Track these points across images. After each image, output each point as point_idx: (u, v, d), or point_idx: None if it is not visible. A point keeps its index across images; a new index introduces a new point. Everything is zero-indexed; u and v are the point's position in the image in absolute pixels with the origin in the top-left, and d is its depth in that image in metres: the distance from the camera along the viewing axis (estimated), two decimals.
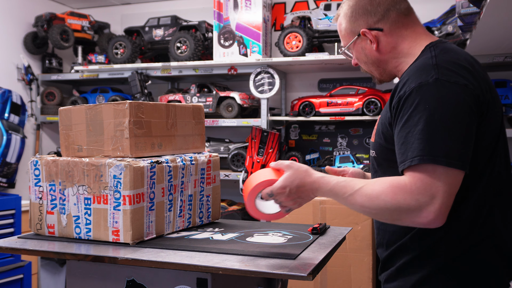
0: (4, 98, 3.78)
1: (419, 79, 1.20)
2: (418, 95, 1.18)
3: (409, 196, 1.14)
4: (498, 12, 2.12)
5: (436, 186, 1.13)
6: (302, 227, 1.89)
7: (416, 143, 1.16)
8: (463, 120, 1.16)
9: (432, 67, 1.21)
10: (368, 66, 1.47)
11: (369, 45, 1.41)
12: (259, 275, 1.33)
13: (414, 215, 1.14)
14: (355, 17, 1.41)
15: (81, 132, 1.76)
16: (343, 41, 1.49)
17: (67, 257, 1.59)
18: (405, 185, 1.15)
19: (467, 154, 1.16)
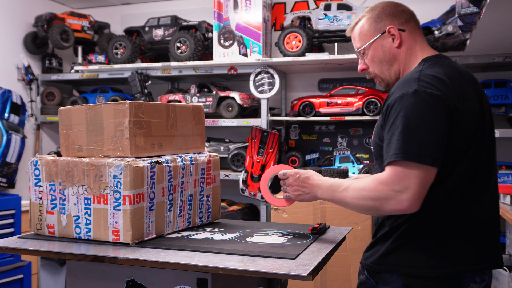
0: (4, 98, 3.78)
1: (402, 90, 1.44)
2: (400, 104, 1.42)
3: (387, 187, 1.38)
4: (498, 12, 2.12)
5: (408, 178, 1.36)
6: (302, 227, 1.89)
7: (395, 144, 1.40)
8: (434, 125, 1.39)
9: (414, 80, 1.45)
10: (381, 65, 1.65)
11: (390, 43, 1.62)
12: (259, 275, 1.33)
13: (392, 203, 1.38)
14: (381, 18, 1.63)
15: (81, 132, 1.76)
16: (360, 42, 1.66)
17: (67, 257, 1.59)
18: (384, 178, 1.40)
19: (437, 153, 1.38)
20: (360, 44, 1.66)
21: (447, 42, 3.24)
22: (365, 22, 1.66)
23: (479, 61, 3.32)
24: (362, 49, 1.66)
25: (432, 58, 1.57)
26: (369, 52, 1.65)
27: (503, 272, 2.49)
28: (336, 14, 3.68)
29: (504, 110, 3.45)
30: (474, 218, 1.48)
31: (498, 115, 3.55)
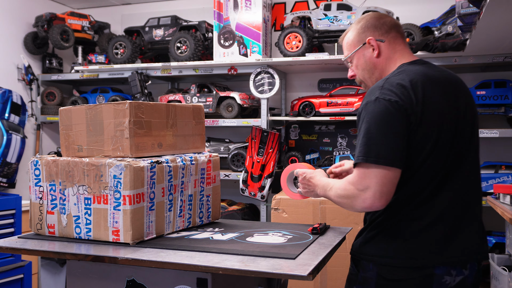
0: (4, 98, 3.78)
1: (367, 98, 1.59)
2: (365, 111, 1.57)
3: (352, 186, 1.54)
4: (498, 12, 2.12)
5: (369, 178, 1.50)
6: (302, 227, 1.89)
7: (358, 148, 1.55)
8: (391, 129, 1.52)
9: (379, 88, 1.58)
10: (363, 73, 1.79)
11: (371, 53, 1.75)
12: (259, 275, 1.33)
13: (358, 201, 1.52)
14: (364, 30, 1.77)
15: (81, 132, 1.77)
16: (347, 51, 1.82)
17: (67, 257, 1.59)
18: (351, 178, 1.56)
19: (394, 154, 1.50)
20: (346, 53, 1.83)
21: (447, 42, 3.24)
22: (350, 33, 1.81)
23: (479, 61, 3.32)
24: (347, 57, 1.82)
25: (405, 65, 1.70)
26: (353, 60, 1.81)
27: (503, 272, 2.49)
28: (336, 14, 3.68)
29: (504, 110, 3.45)
30: (443, 213, 1.57)
31: (498, 115, 3.55)
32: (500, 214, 2.52)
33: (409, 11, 3.89)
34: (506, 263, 2.63)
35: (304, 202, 3.12)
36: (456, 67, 3.58)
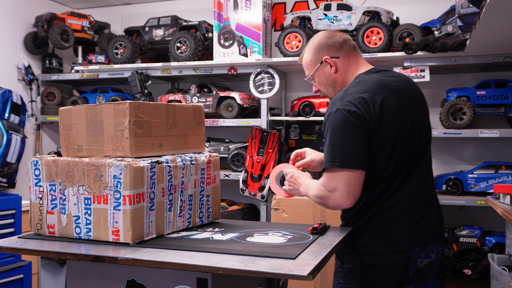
0: (4, 98, 3.78)
1: (329, 109, 1.77)
2: (328, 121, 1.75)
3: (322, 188, 1.74)
4: (498, 12, 2.12)
5: (336, 180, 1.70)
6: (302, 227, 1.89)
7: (325, 154, 1.73)
8: (352, 136, 1.70)
9: (339, 100, 1.76)
10: (326, 88, 1.99)
11: (329, 69, 1.94)
12: (259, 275, 1.33)
13: (330, 201, 1.72)
14: (318, 50, 1.96)
15: (81, 132, 1.77)
16: (307, 71, 2.01)
17: (67, 257, 1.59)
18: (321, 181, 1.75)
19: (357, 157, 1.69)
20: (307, 73, 2.01)
21: (447, 42, 3.24)
22: (307, 55, 2.00)
23: (479, 61, 3.32)
24: (310, 76, 2.00)
25: (361, 75, 1.89)
26: (315, 78, 2.00)
27: (503, 272, 2.49)
28: (336, 14, 3.68)
29: (504, 110, 3.45)
30: (410, 203, 1.79)
31: (498, 115, 3.56)
32: (500, 214, 2.52)
33: (409, 11, 3.89)
34: (506, 263, 2.63)
35: (304, 202, 3.12)
36: (456, 67, 3.58)
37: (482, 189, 3.36)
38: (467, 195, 3.40)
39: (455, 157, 3.84)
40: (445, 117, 3.42)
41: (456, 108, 3.41)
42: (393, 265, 1.76)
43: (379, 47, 3.51)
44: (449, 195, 3.43)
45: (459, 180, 3.43)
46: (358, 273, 1.79)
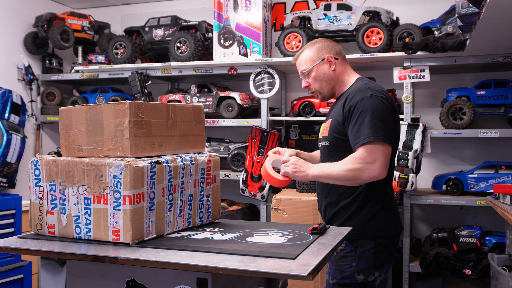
0: (4, 98, 3.78)
1: (360, 95, 2.03)
2: (362, 104, 2.00)
3: (362, 160, 1.93)
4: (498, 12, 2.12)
5: (376, 153, 1.93)
6: (302, 227, 1.89)
7: (365, 130, 1.95)
8: (388, 117, 2.00)
9: (367, 89, 2.05)
10: (321, 83, 2.20)
11: (328, 67, 2.19)
12: (259, 275, 1.33)
13: (366, 172, 1.92)
14: (321, 49, 2.20)
15: (81, 132, 1.77)
16: (306, 65, 2.20)
17: (67, 257, 1.59)
18: (359, 155, 1.94)
19: (392, 136, 2.01)
20: (305, 67, 2.20)
21: (447, 42, 3.24)
22: (308, 51, 2.21)
23: (479, 61, 3.32)
24: (307, 70, 2.19)
25: (365, 78, 2.18)
26: (312, 73, 2.19)
27: (503, 272, 2.49)
28: (336, 14, 3.68)
29: (504, 110, 3.45)
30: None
31: (498, 115, 3.56)
32: (500, 214, 2.52)
33: (409, 11, 3.89)
34: (506, 263, 2.63)
35: (304, 202, 3.12)
36: (456, 67, 3.58)
37: (482, 189, 3.36)
38: (467, 195, 3.40)
39: (455, 157, 3.84)
40: (445, 117, 3.42)
41: (456, 108, 3.41)
42: (396, 242, 2.14)
43: (379, 47, 3.51)
44: (449, 195, 3.43)
45: (459, 180, 3.43)
46: (371, 254, 2.05)
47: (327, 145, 2.16)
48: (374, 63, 3.70)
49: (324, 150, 2.20)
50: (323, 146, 2.21)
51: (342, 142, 2.09)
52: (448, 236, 3.37)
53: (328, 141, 2.15)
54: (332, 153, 2.14)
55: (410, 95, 3.46)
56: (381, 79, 3.99)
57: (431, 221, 3.89)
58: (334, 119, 2.13)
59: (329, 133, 2.14)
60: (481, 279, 3.23)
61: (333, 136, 2.12)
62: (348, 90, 2.16)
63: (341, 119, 2.08)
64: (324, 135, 2.19)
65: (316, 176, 2.03)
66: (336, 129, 2.10)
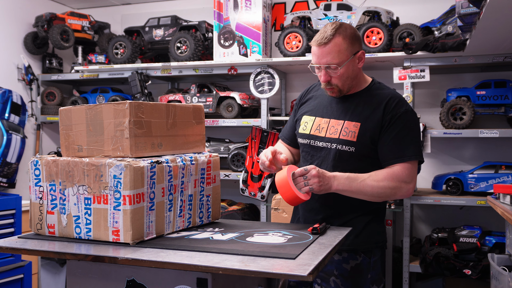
0: (4, 98, 3.78)
1: (404, 107, 1.93)
2: (406, 117, 1.91)
3: (402, 178, 1.88)
4: (498, 12, 2.12)
5: (414, 172, 1.91)
6: (302, 227, 1.89)
7: (410, 148, 1.89)
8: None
9: (403, 100, 1.97)
10: (347, 80, 1.96)
11: (356, 63, 1.96)
12: (259, 275, 1.33)
13: (401, 190, 1.88)
14: (354, 40, 1.93)
15: (81, 132, 1.77)
16: (338, 58, 1.89)
17: (67, 257, 1.59)
18: (400, 173, 1.88)
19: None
20: (337, 61, 1.90)
21: (447, 42, 3.24)
22: (342, 41, 1.90)
23: (479, 61, 3.32)
24: (336, 65, 1.90)
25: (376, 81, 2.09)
26: (341, 69, 1.91)
27: (503, 272, 2.49)
28: (336, 14, 3.68)
29: (504, 110, 3.45)
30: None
31: (498, 115, 3.56)
32: (500, 214, 2.52)
33: (409, 11, 3.89)
34: (506, 263, 2.63)
35: None
36: (456, 67, 3.58)
37: (482, 189, 3.36)
38: (467, 195, 3.39)
39: (455, 157, 3.84)
40: (445, 117, 3.42)
41: (456, 108, 3.41)
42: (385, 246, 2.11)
43: (379, 47, 3.51)
44: (449, 195, 3.43)
45: (459, 180, 3.43)
46: (380, 263, 2.01)
47: (352, 152, 1.93)
48: (374, 63, 3.70)
49: (343, 156, 1.95)
50: (341, 151, 1.95)
51: (370, 152, 1.93)
52: (448, 236, 3.37)
53: (355, 147, 1.92)
54: (352, 160, 1.93)
55: (410, 95, 3.46)
56: (381, 79, 3.96)
57: (431, 221, 3.89)
58: (368, 125, 1.92)
59: (358, 139, 1.92)
60: (481, 279, 3.23)
61: (364, 144, 1.92)
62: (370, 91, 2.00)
63: (376, 127, 1.91)
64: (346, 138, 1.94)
65: (341, 190, 1.85)
66: (370, 137, 1.91)
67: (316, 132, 2.03)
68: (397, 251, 3.66)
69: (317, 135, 2.02)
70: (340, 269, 1.96)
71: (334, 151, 1.96)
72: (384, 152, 1.91)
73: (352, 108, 1.98)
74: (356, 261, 1.96)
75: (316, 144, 2.02)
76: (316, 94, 2.14)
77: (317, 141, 2.02)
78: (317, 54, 1.92)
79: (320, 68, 1.94)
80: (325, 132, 2.00)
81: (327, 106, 2.05)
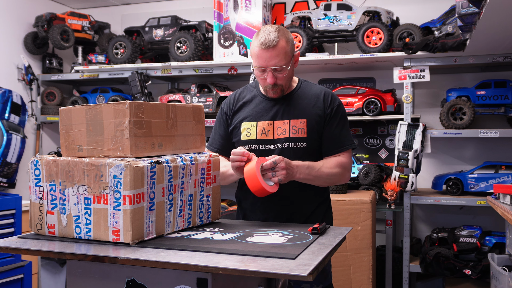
0: (4, 98, 3.78)
1: (337, 100, 2.11)
2: (341, 110, 2.10)
3: (346, 166, 2.07)
4: (498, 12, 2.13)
5: (351, 160, 2.12)
6: (302, 227, 1.89)
7: (348, 137, 2.09)
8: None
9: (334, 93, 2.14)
10: (288, 81, 2.05)
11: (293, 64, 2.05)
12: (259, 275, 1.33)
13: (345, 177, 2.08)
14: (292, 43, 2.03)
15: (81, 132, 1.77)
16: (284, 60, 1.97)
17: (67, 257, 1.59)
18: (345, 161, 2.08)
19: None
20: (284, 62, 1.97)
21: (447, 42, 3.24)
22: (286, 44, 1.97)
23: (479, 61, 3.32)
24: (284, 66, 1.97)
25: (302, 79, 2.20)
26: (286, 69, 1.99)
27: (503, 272, 2.49)
28: (336, 14, 3.68)
29: (504, 110, 3.45)
30: None
31: (498, 115, 3.56)
32: (500, 214, 2.52)
33: (409, 11, 3.89)
34: (506, 263, 2.63)
35: None
36: (456, 67, 3.58)
37: (482, 189, 3.36)
38: (467, 195, 3.40)
39: (455, 157, 3.84)
40: (445, 117, 3.42)
41: (456, 108, 3.41)
42: None
43: (379, 47, 3.51)
44: (449, 195, 3.43)
45: (459, 180, 3.43)
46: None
47: (304, 147, 2.04)
48: (374, 63, 3.70)
49: (297, 152, 2.03)
50: (294, 148, 2.03)
51: (318, 145, 2.08)
52: (448, 236, 3.37)
53: (307, 142, 2.04)
54: (305, 156, 2.02)
55: (410, 95, 3.46)
56: (381, 79, 4.00)
57: (431, 221, 3.89)
58: (313, 120, 2.04)
59: (308, 134, 2.04)
60: (481, 279, 3.23)
61: (313, 139, 2.05)
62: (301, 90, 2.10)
63: (321, 120, 2.05)
64: (296, 135, 2.03)
65: (302, 178, 1.96)
66: (317, 131, 2.05)
67: (263, 136, 2.07)
68: (397, 251, 3.66)
69: (265, 138, 2.07)
70: None
71: (287, 150, 2.04)
72: (328, 143, 2.07)
73: (293, 106, 2.06)
74: None
75: (267, 147, 2.07)
76: (247, 99, 2.16)
77: (267, 144, 2.06)
78: (265, 57, 1.96)
79: (265, 70, 1.99)
80: (273, 133, 2.06)
81: (265, 109, 2.09)
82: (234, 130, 2.16)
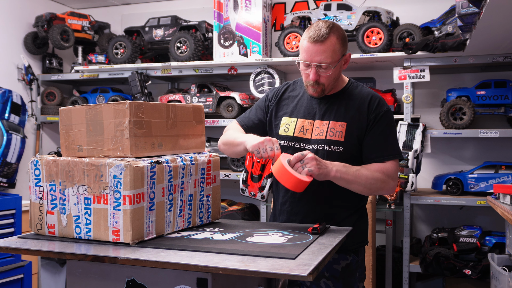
0: (4, 98, 3.78)
1: (384, 106, 1.97)
2: (388, 117, 1.96)
3: (391, 174, 1.92)
4: (498, 12, 2.13)
5: (397, 171, 1.96)
6: (302, 227, 1.89)
7: (395, 146, 1.95)
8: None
9: (383, 99, 2.00)
10: (333, 81, 1.96)
11: (342, 64, 1.96)
12: (259, 275, 1.33)
13: (390, 186, 1.92)
14: (345, 42, 1.93)
15: (81, 132, 1.77)
16: (331, 58, 1.87)
17: (67, 257, 1.59)
18: (390, 168, 1.92)
19: None
20: (330, 60, 1.87)
21: (447, 42, 3.24)
22: (336, 41, 1.88)
23: (479, 61, 3.32)
24: (329, 64, 1.87)
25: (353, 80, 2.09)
26: (331, 68, 1.89)
27: (503, 272, 2.49)
28: (336, 14, 3.68)
29: (504, 110, 3.45)
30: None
31: (498, 115, 3.56)
32: (500, 214, 2.52)
33: (409, 11, 3.89)
34: (506, 263, 2.63)
35: None
36: (456, 67, 3.58)
37: (482, 189, 3.36)
38: (467, 195, 3.40)
39: (455, 157, 3.84)
40: (445, 117, 3.42)
41: (456, 108, 3.41)
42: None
43: (379, 47, 3.51)
44: (449, 195, 3.43)
45: (459, 180, 3.43)
46: (363, 260, 2.06)
47: (340, 152, 1.92)
48: (374, 63, 3.70)
49: (331, 156, 1.92)
50: (328, 151, 1.93)
51: (357, 151, 1.94)
52: (448, 236, 3.37)
53: (343, 147, 1.92)
54: (341, 161, 1.88)
55: (410, 95, 3.46)
56: (381, 79, 4.00)
57: (431, 221, 3.89)
58: (354, 125, 1.93)
59: (346, 139, 1.92)
60: (481, 279, 3.23)
61: (351, 144, 1.93)
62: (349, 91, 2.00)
63: (362, 126, 1.93)
64: (333, 138, 1.94)
65: (339, 177, 1.82)
66: (357, 136, 1.93)
67: (301, 134, 1.99)
68: (397, 251, 3.66)
69: (302, 137, 1.99)
70: (331, 270, 1.96)
71: (322, 152, 1.94)
72: (370, 150, 1.93)
73: (335, 108, 1.97)
74: (347, 261, 1.97)
75: (302, 146, 1.98)
76: (293, 94, 2.08)
77: (303, 143, 1.98)
78: (311, 51, 1.87)
79: (310, 65, 1.89)
80: (311, 133, 1.97)
81: (309, 107, 2.01)
82: (272, 121, 2.08)
